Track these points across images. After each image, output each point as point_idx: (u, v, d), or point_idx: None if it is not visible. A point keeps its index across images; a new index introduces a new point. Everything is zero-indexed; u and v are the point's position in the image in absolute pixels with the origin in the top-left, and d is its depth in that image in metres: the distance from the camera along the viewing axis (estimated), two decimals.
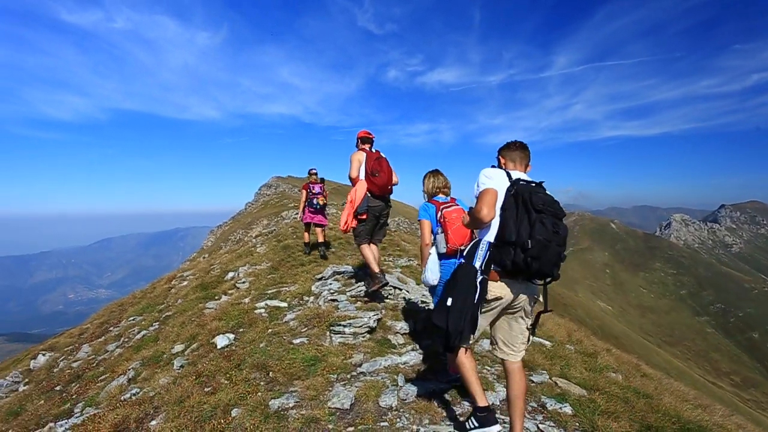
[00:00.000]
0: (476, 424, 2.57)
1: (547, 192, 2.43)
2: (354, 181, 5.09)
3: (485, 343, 4.28)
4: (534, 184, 2.45)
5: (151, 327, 6.73)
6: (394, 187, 5.22)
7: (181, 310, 6.87)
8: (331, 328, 4.37)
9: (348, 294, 5.36)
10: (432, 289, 3.70)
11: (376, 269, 5.11)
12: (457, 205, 3.55)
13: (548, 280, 2.36)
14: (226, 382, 3.68)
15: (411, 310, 5.13)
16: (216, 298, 7.01)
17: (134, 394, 4.11)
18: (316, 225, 8.60)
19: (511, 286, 2.45)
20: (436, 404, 3.14)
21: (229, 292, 7.07)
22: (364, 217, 5.04)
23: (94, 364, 6.25)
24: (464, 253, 2.56)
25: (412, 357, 3.93)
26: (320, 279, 6.23)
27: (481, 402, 2.57)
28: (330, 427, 2.85)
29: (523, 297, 2.50)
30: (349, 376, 3.56)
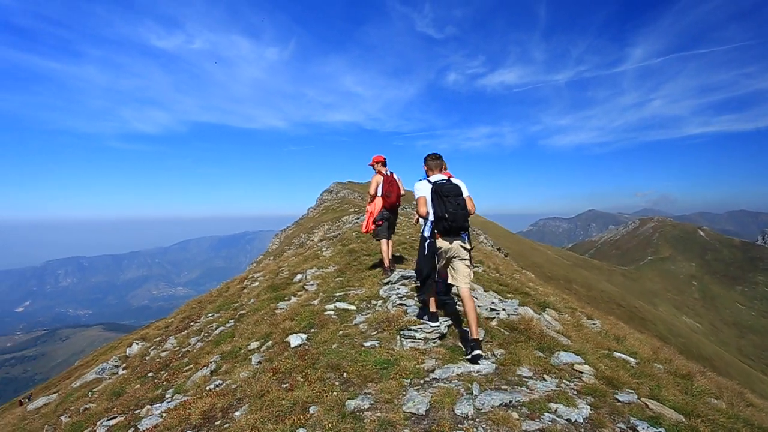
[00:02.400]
0: (427, 318, 4.64)
1: (453, 183, 4.40)
2: (372, 197, 7.17)
3: (563, 356, 4.05)
4: (444, 181, 4.41)
5: (228, 324, 7.16)
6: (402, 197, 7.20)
7: (254, 309, 7.25)
8: (402, 332, 4.37)
9: (417, 299, 5.34)
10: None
11: (387, 263, 7.15)
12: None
13: (465, 231, 4.35)
14: (302, 380, 3.81)
15: (481, 318, 4.99)
16: (286, 299, 7.32)
17: (218, 385, 4.40)
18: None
19: (447, 240, 4.35)
20: (514, 416, 3.01)
21: (298, 293, 7.34)
22: (380, 223, 7.09)
23: (180, 355, 6.77)
24: (422, 230, 4.76)
25: (485, 366, 3.81)
26: (387, 283, 6.28)
27: (474, 335, 4.04)
28: (406, 431, 2.84)
29: (455, 244, 4.36)
30: (422, 381, 3.54)
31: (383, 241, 7.15)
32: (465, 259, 4.38)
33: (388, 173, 7.04)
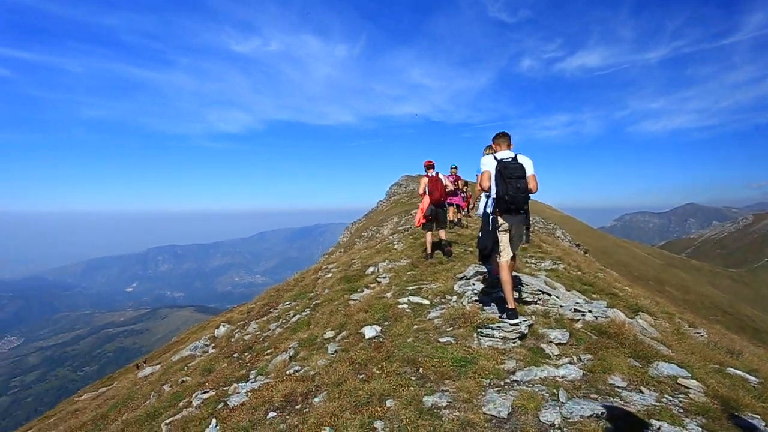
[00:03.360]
0: (506, 316, 4.42)
1: (518, 162, 4.49)
2: (421, 196, 8.61)
3: (664, 367, 3.62)
4: (510, 159, 4.53)
5: (304, 312, 7.47)
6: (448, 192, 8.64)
7: (329, 300, 7.48)
8: (479, 330, 4.22)
9: (493, 296, 5.12)
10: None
11: (429, 251, 8.44)
12: None
13: (524, 210, 4.54)
14: (378, 372, 3.83)
15: (564, 319, 4.66)
16: (359, 290, 7.45)
17: (297, 371, 4.58)
18: (450, 205, 12.11)
19: (506, 218, 4.57)
20: (608, 429, 2.75)
21: (371, 285, 7.44)
22: (430, 217, 8.47)
23: (261, 339, 7.19)
24: (484, 207, 5.12)
25: (571, 371, 3.53)
26: (462, 278, 6.12)
27: (510, 305, 4.44)
28: None
29: (515, 222, 4.58)
30: (502, 382, 3.37)
31: (428, 233, 8.60)
32: (521, 236, 4.79)
33: (434, 174, 8.43)
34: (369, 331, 4.91)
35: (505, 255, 4.62)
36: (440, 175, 8.38)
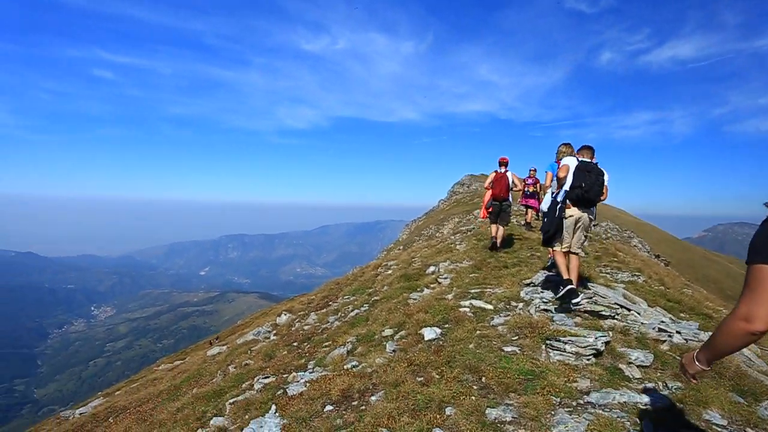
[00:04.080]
0: (562, 288, 4.76)
1: (598, 166, 5.01)
2: (486, 189, 9.25)
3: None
4: (594, 164, 5.02)
5: (362, 308, 7.50)
6: (517, 191, 9.53)
7: (388, 297, 7.44)
8: (548, 342, 3.91)
9: (564, 306, 4.74)
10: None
11: (496, 240, 9.05)
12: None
13: (593, 206, 5.11)
14: (437, 376, 3.69)
15: (647, 338, 4.19)
16: (419, 290, 7.33)
17: (354, 366, 4.57)
18: (529, 207, 12.70)
19: (574, 210, 5.00)
20: None
21: (431, 286, 7.28)
22: (490, 210, 9.12)
23: (319, 331, 7.34)
24: (555, 196, 5.29)
25: (657, 399, 3.14)
26: (529, 285, 5.76)
27: (565, 275, 4.89)
28: None
29: (584, 215, 5.05)
30: (574, 403, 3.08)
31: (493, 225, 9.20)
32: (586, 229, 5.24)
33: (502, 171, 8.93)
34: (429, 333, 4.77)
35: (563, 244, 5.14)
36: (508, 173, 8.91)
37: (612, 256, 8.98)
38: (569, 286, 4.72)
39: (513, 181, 9.15)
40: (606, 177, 5.02)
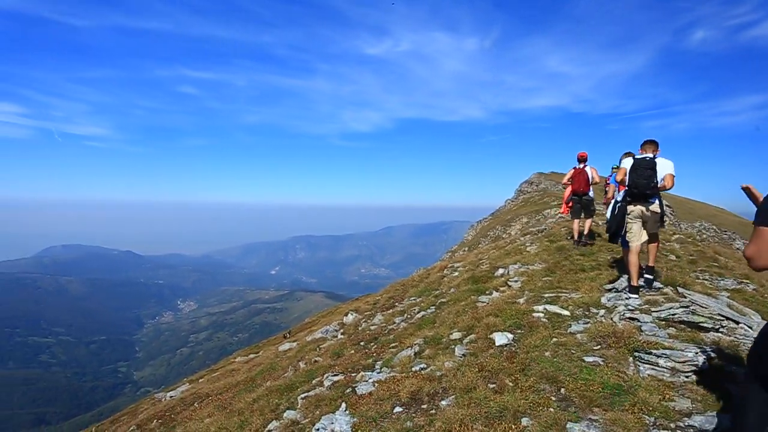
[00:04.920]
0: (628, 292, 5.22)
1: (653, 160, 5.32)
2: (564, 185, 9.52)
3: None
4: (646, 158, 5.36)
5: (429, 309, 7.40)
6: (600, 185, 9.55)
7: (455, 299, 7.27)
8: (637, 354, 3.55)
9: (655, 315, 4.29)
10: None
11: (576, 236, 9.02)
12: None
13: (651, 199, 5.40)
14: (511, 384, 3.51)
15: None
16: (487, 292, 7.08)
17: (422, 368, 4.50)
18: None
19: (634, 204, 5.47)
20: None
21: (501, 289, 7.00)
22: (570, 204, 9.23)
23: (386, 332, 7.36)
24: (616, 196, 6.24)
25: None
26: (612, 290, 5.30)
27: (634, 282, 5.25)
28: None
29: (639, 208, 5.45)
30: (673, 425, 2.75)
31: (575, 221, 9.15)
32: (647, 222, 5.51)
33: (581, 167, 8.99)
34: (500, 338, 4.57)
35: (635, 240, 5.46)
36: (587, 168, 8.96)
37: (710, 260, 7.99)
38: (634, 295, 5.21)
39: (592, 176, 9.13)
40: (666, 169, 5.31)
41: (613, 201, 6.36)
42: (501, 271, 8.01)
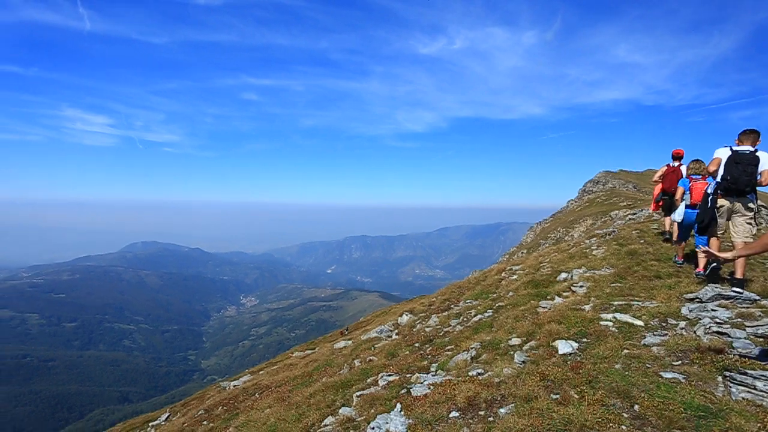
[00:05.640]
0: (734, 284, 5.16)
1: (755, 154, 5.12)
2: (656, 182, 9.05)
3: None
4: (746, 151, 5.18)
5: (486, 313, 7.17)
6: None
7: (514, 303, 6.99)
8: (728, 373, 3.16)
9: (750, 330, 3.80)
10: (678, 225, 6.84)
11: (667, 227, 8.74)
12: (705, 182, 6.50)
13: (748, 195, 5.29)
14: (576, 396, 3.28)
15: None
16: (549, 297, 6.73)
17: (479, 374, 4.35)
18: None
19: (727, 199, 5.43)
20: None
21: (564, 294, 6.62)
22: (660, 203, 9.07)
23: (441, 334, 7.24)
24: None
25: None
26: (694, 300, 4.79)
27: (738, 274, 5.24)
28: None
29: (736, 204, 5.40)
30: None
31: (666, 219, 8.85)
32: (745, 216, 5.38)
33: (675, 165, 8.61)
34: (563, 346, 4.31)
35: (738, 237, 5.36)
36: (682, 167, 8.47)
37: None
38: (714, 265, 5.48)
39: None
40: (766, 159, 5.10)
41: (682, 212, 6.65)
42: (564, 275, 7.58)
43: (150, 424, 13.55)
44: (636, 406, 3.00)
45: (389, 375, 5.39)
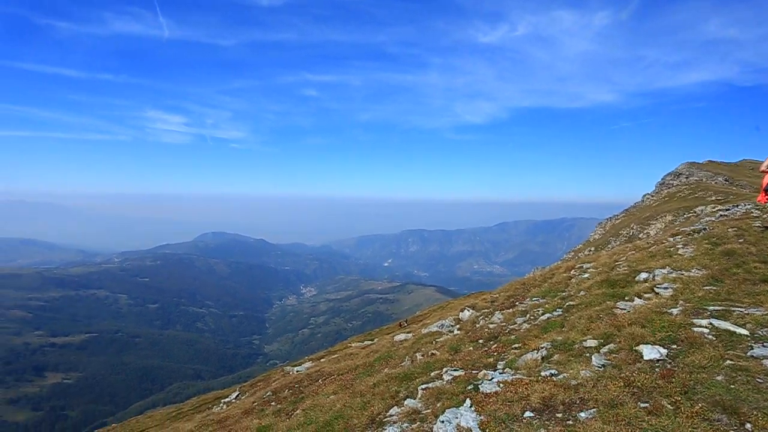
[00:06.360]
0: None
1: None
2: (764, 172, 8.39)
3: None
4: None
5: (555, 312, 6.81)
6: None
7: (587, 303, 6.57)
8: None
9: None
10: None
11: None
12: None
13: None
14: (669, 407, 2.99)
15: None
16: (627, 298, 6.23)
17: (553, 375, 4.13)
18: None
19: None
20: None
21: (645, 296, 6.09)
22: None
23: (506, 331, 6.99)
24: None
25: None
26: None
27: None
28: None
29: None
30: None
31: None
32: None
33: None
34: (649, 352, 3.96)
35: None
36: None
37: None
38: None
39: None
40: None
41: None
42: (644, 275, 6.97)
43: (222, 400, 14.59)
44: (748, 425, 2.67)
45: (454, 370, 5.30)
